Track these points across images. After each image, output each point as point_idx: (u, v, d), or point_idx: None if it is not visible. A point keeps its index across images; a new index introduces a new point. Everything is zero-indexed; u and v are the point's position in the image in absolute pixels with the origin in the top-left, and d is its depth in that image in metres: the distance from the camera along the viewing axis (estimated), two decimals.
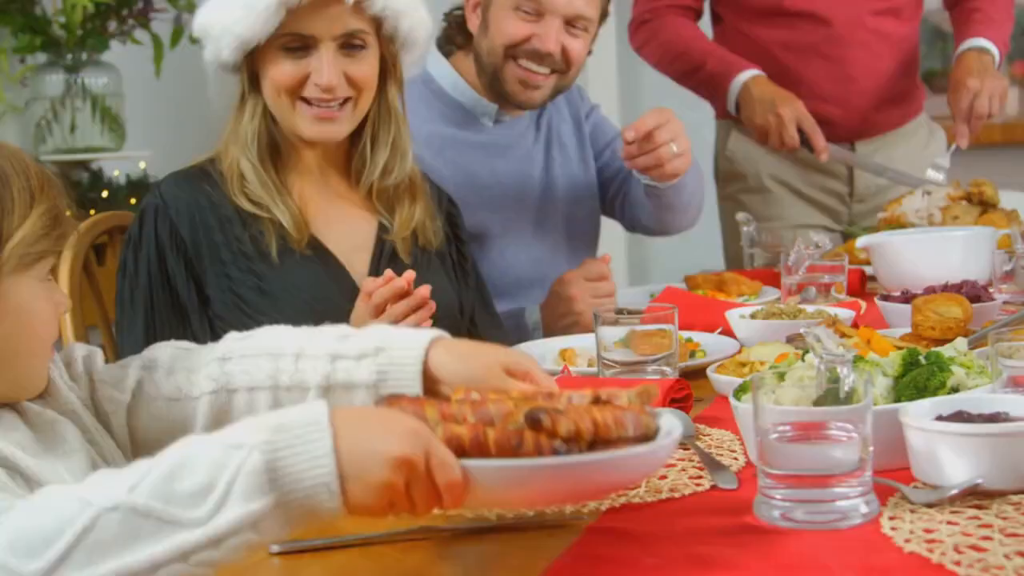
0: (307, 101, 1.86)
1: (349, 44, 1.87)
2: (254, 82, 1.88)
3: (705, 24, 2.97)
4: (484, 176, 2.35)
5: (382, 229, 1.95)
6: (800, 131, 2.70)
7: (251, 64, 1.87)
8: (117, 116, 3.55)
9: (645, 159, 2.14)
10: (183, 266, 1.83)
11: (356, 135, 1.94)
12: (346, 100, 1.88)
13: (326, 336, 1.38)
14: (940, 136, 3.00)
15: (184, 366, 1.38)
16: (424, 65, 2.21)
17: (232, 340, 1.40)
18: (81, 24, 3.38)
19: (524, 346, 2.00)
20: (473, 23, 2.37)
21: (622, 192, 2.49)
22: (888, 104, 2.89)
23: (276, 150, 1.91)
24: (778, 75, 2.80)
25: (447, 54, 2.44)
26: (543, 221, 2.41)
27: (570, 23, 2.29)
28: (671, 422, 1.14)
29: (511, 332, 2.17)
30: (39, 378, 1.27)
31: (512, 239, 2.36)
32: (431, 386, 1.33)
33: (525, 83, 2.31)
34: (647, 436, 1.10)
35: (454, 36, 2.44)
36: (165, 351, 1.41)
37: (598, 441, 1.06)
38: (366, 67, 1.89)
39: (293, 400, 1.33)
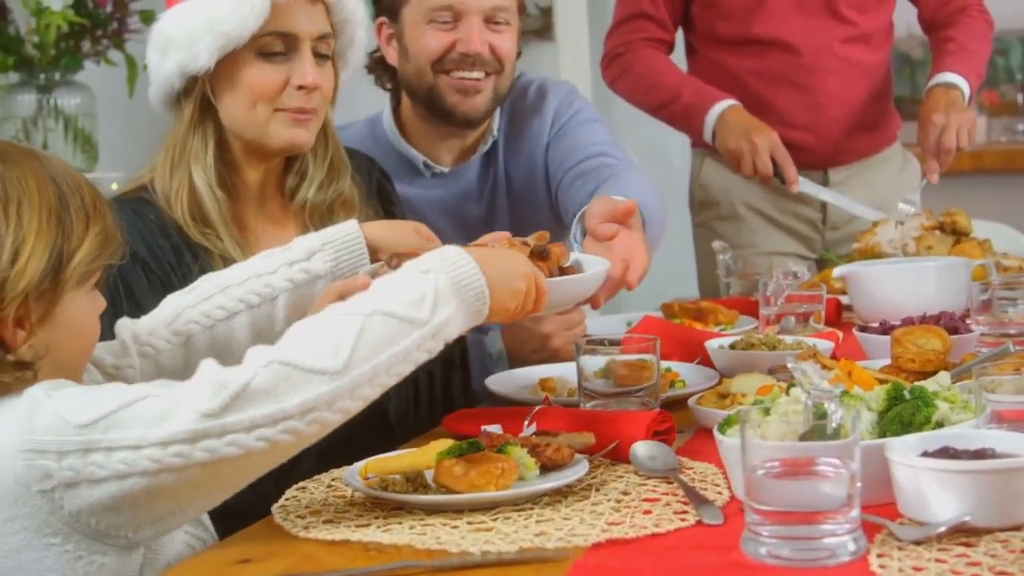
0: (281, 110, 1.84)
1: (319, 52, 1.86)
2: (206, 104, 1.84)
3: (679, 56, 2.98)
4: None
5: None
6: (773, 161, 2.70)
7: (206, 84, 1.83)
8: (90, 137, 3.52)
9: None
10: (144, 279, 1.79)
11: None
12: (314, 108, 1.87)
13: (269, 255, 1.61)
14: (914, 165, 3.02)
15: (157, 326, 1.57)
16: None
17: (180, 295, 1.60)
18: (55, 44, 3.36)
19: (504, 375, 2.00)
20: (391, 55, 2.32)
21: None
22: (860, 131, 2.91)
23: (225, 173, 1.87)
24: (750, 103, 2.82)
25: (394, 105, 2.40)
26: None
27: (490, 19, 2.25)
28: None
29: (474, 362, 2.15)
30: (78, 378, 1.38)
31: None
32: (373, 255, 1.62)
33: (463, 91, 2.25)
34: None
35: (381, 78, 2.39)
36: (128, 327, 1.57)
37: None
38: (330, 76, 1.89)
39: (265, 314, 1.57)
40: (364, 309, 1.29)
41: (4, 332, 1.27)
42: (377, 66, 2.37)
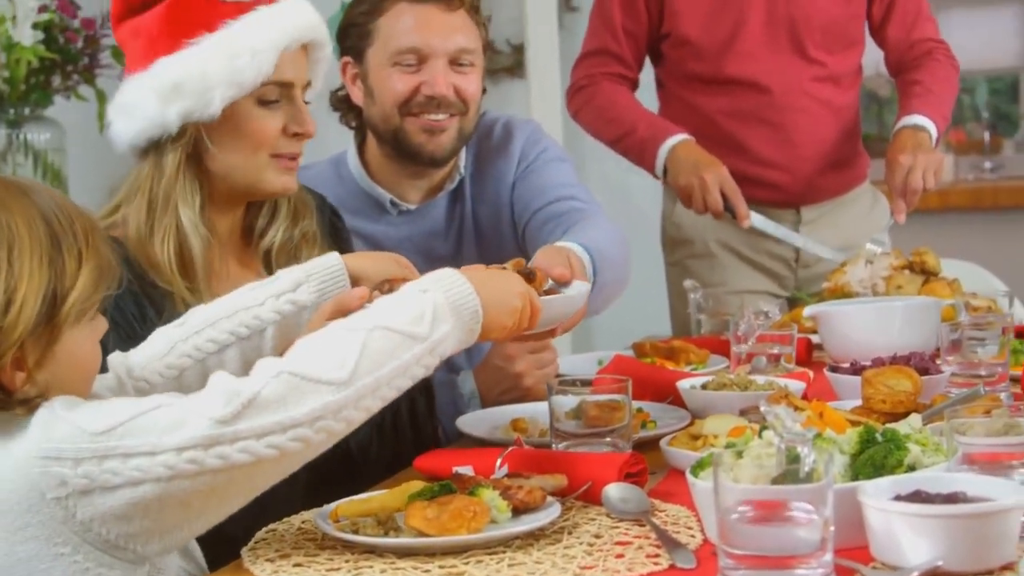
0: (275, 156, 1.85)
1: (305, 99, 1.88)
2: (197, 150, 1.83)
3: (649, 91, 3.00)
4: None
5: None
6: (724, 197, 2.71)
7: (201, 130, 1.82)
8: (59, 172, 3.50)
9: None
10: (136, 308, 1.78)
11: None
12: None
13: (255, 287, 1.63)
14: (883, 204, 3.04)
15: (150, 360, 1.56)
16: None
17: (171, 328, 1.59)
18: (25, 79, 3.35)
19: (476, 415, 1.99)
20: (356, 95, 2.33)
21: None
22: (831, 170, 2.93)
23: (204, 220, 1.86)
24: (721, 141, 2.83)
25: (359, 143, 2.41)
26: None
27: (454, 61, 2.26)
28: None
29: (446, 402, 2.15)
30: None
31: None
32: (354, 285, 1.64)
33: (429, 131, 2.26)
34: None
35: (346, 116, 2.39)
36: (120, 361, 1.55)
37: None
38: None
39: (254, 346, 1.58)
40: (366, 324, 1.34)
41: (3, 377, 1.27)
42: (342, 104, 2.38)
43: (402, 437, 2.01)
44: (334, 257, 1.67)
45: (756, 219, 2.76)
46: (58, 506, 1.23)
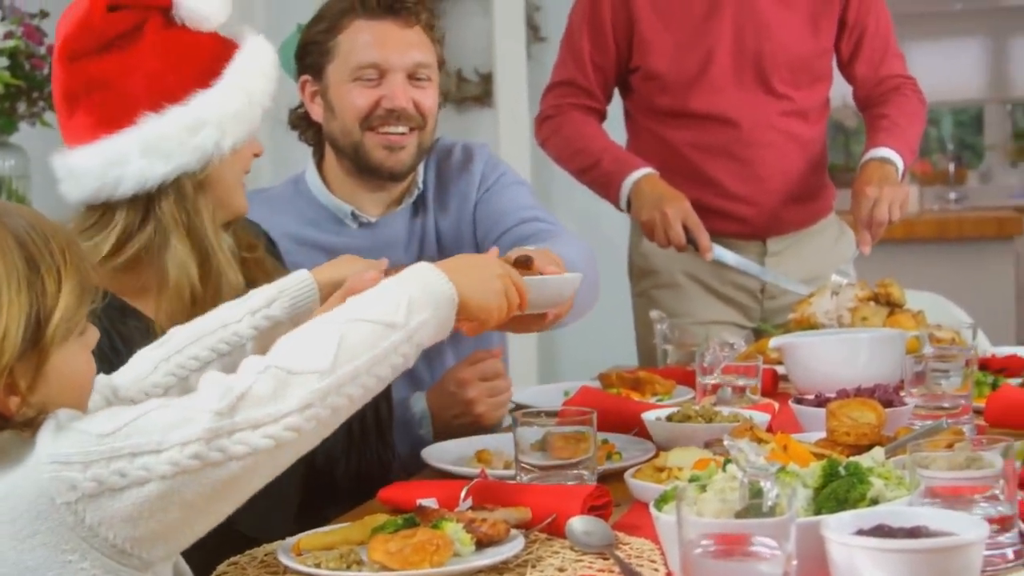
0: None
1: None
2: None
3: (617, 122, 3.01)
4: None
5: None
6: (687, 230, 2.72)
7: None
8: (23, 199, 3.48)
9: None
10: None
11: None
12: None
13: (231, 306, 1.67)
14: (849, 235, 3.05)
15: (136, 380, 1.58)
16: None
17: (153, 348, 1.61)
18: None
19: (441, 446, 1.99)
20: (316, 112, 2.37)
21: None
22: (797, 203, 2.94)
23: None
24: (688, 174, 2.84)
25: (319, 158, 2.44)
26: None
27: (412, 76, 2.30)
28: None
29: (398, 422, 2.15)
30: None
31: None
32: (325, 292, 1.70)
33: (389, 147, 2.30)
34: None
35: (305, 133, 2.42)
36: (104, 383, 1.55)
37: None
38: None
39: (234, 362, 1.53)
40: (344, 317, 1.38)
41: None
42: (301, 122, 2.42)
43: (368, 447, 2.04)
44: (303, 273, 1.73)
45: (719, 251, 2.77)
46: (68, 511, 1.22)
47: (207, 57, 1.80)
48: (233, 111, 1.78)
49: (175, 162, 1.76)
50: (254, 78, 1.81)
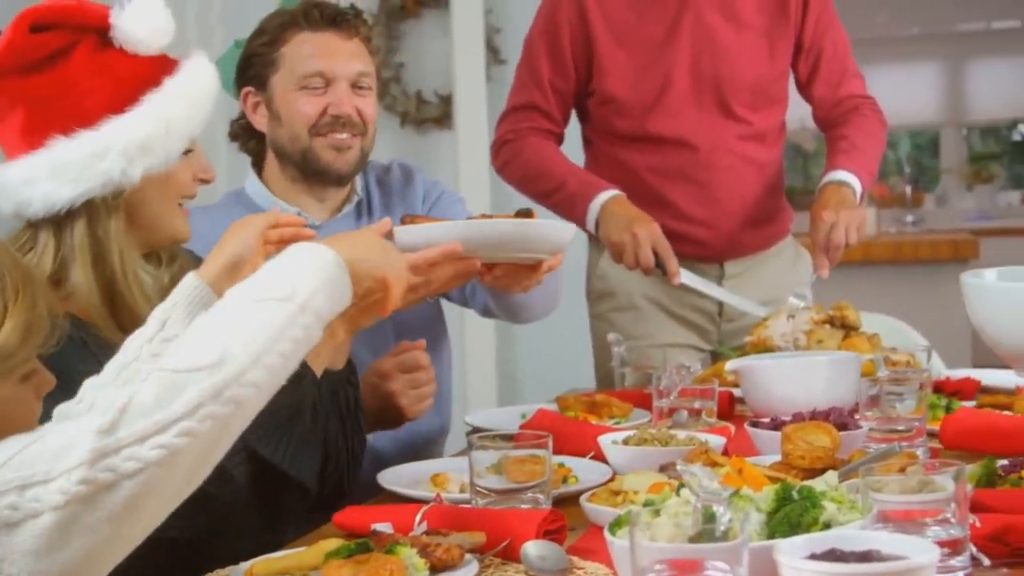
0: (178, 203, 1.88)
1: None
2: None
3: (575, 147, 3.02)
4: None
5: None
6: (655, 253, 2.72)
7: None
8: None
9: None
10: None
11: None
12: None
13: (133, 338, 1.65)
14: (806, 258, 3.06)
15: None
16: None
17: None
18: None
19: (396, 470, 1.98)
20: (259, 121, 2.45)
21: (469, 284, 2.50)
22: (754, 226, 2.95)
23: None
24: (646, 197, 2.85)
25: (259, 168, 2.50)
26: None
27: (355, 84, 2.41)
28: None
29: None
30: None
31: None
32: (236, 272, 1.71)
33: (337, 148, 2.40)
34: None
35: (247, 144, 2.50)
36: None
37: None
38: None
39: None
40: (226, 303, 1.33)
41: None
42: (243, 133, 2.49)
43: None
44: (189, 278, 1.72)
45: (686, 276, 2.78)
46: None
47: (130, 82, 1.78)
48: (142, 139, 1.75)
49: (82, 187, 1.75)
50: (177, 104, 1.79)
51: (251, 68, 2.42)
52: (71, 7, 1.79)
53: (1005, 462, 1.72)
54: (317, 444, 1.89)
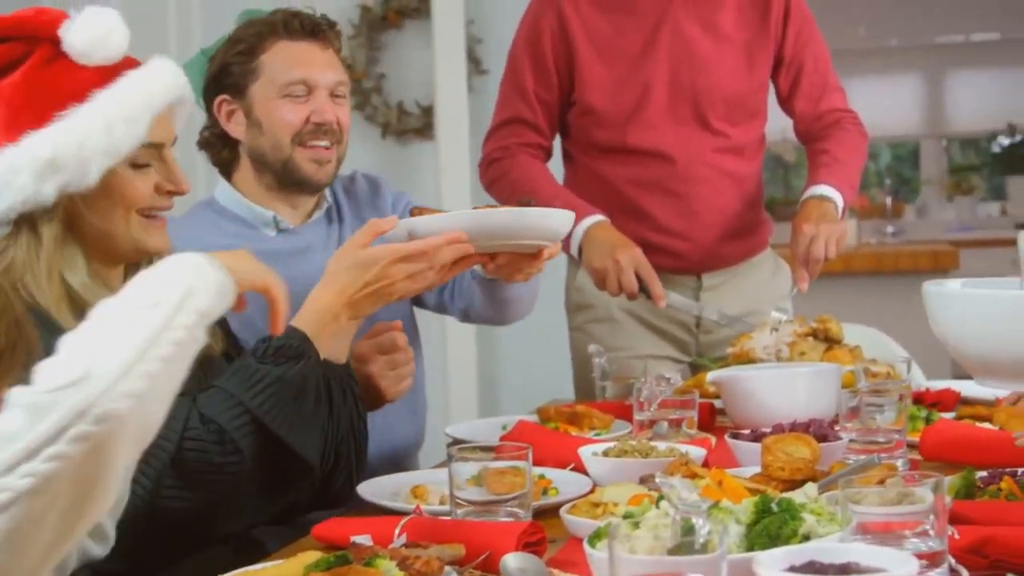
0: (147, 215, 1.84)
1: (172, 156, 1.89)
2: (73, 219, 1.79)
3: (556, 162, 3.02)
4: None
5: None
6: (639, 278, 2.72)
7: (76, 200, 1.78)
8: None
9: None
10: None
11: None
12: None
13: None
14: (785, 270, 3.07)
15: None
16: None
17: None
18: None
19: (376, 481, 1.98)
20: (236, 130, 2.44)
21: (450, 285, 2.53)
22: (733, 238, 2.96)
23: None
24: (625, 209, 2.85)
25: (228, 176, 2.50)
26: None
27: (333, 93, 2.43)
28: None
29: None
30: None
31: None
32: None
33: (318, 161, 2.41)
34: None
35: (220, 153, 2.49)
36: None
37: None
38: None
39: None
40: (94, 316, 1.27)
41: None
42: (216, 141, 2.48)
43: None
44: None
45: (672, 297, 2.77)
46: None
47: (66, 95, 1.74)
48: (50, 156, 1.71)
49: (4, 203, 1.72)
50: (94, 121, 1.73)
51: (227, 76, 2.41)
52: (26, 17, 1.76)
53: (984, 474, 1.73)
54: (318, 426, 1.91)
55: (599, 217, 2.81)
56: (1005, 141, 8.87)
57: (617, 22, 2.87)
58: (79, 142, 1.72)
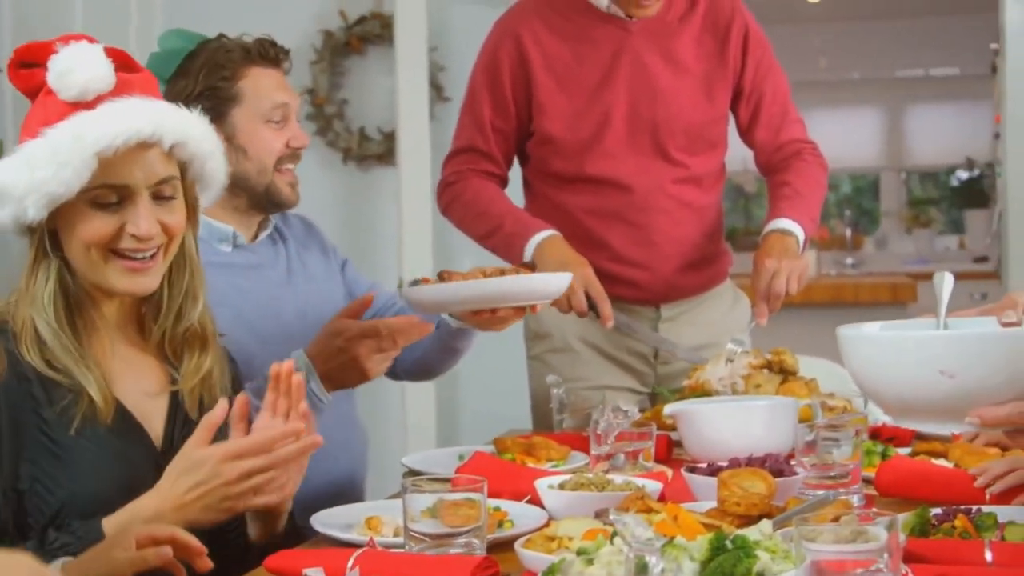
0: (118, 254, 1.82)
1: (162, 195, 1.84)
2: (53, 240, 1.82)
3: (517, 190, 3.02)
4: (231, 294, 2.38)
5: (173, 381, 1.92)
6: (588, 297, 2.72)
7: (49, 222, 1.80)
8: None
9: None
10: None
11: None
12: (157, 250, 1.84)
13: None
14: (744, 302, 3.08)
15: None
16: None
17: None
18: None
19: (330, 512, 1.96)
20: None
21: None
22: (691, 269, 2.95)
23: (72, 309, 1.84)
24: (583, 239, 2.85)
25: None
26: (301, 334, 2.42)
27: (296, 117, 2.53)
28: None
29: None
30: None
31: (272, 351, 2.29)
32: None
33: (291, 184, 2.50)
34: None
35: None
36: None
37: None
38: (178, 214, 1.88)
39: None
40: None
41: None
42: None
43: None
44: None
45: (620, 319, 2.77)
46: None
47: (32, 129, 1.80)
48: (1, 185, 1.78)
49: None
50: (38, 154, 1.76)
51: (207, 101, 2.39)
52: (44, 45, 1.82)
53: (939, 511, 1.73)
54: None
55: (550, 232, 2.80)
56: (963, 175, 8.94)
57: (576, 52, 2.88)
58: (13, 177, 1.77)
